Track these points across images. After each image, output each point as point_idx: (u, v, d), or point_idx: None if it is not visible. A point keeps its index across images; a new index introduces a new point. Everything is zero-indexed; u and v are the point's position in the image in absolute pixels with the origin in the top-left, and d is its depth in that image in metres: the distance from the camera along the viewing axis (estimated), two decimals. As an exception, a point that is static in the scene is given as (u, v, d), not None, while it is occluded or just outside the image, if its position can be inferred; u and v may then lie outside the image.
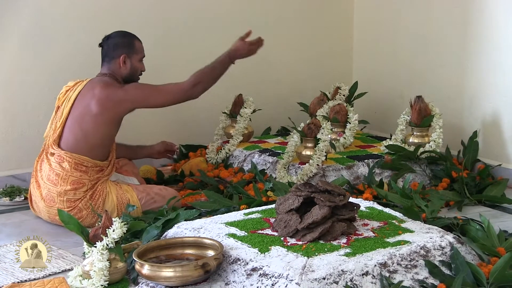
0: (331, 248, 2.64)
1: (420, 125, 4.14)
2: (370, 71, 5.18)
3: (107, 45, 3.63)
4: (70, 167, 3.47)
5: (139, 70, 3.69)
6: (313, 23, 5.14)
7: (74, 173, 3.47)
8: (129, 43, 3.65)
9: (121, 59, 3.61)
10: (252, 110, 4.45)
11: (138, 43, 3.69)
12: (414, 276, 2.57)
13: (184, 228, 2.96)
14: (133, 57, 3.65)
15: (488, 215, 3.41)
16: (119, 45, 3.62)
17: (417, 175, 3.98)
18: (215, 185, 3.94)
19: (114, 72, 3.63)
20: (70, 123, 3.53)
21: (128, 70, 3.64)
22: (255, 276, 2.52)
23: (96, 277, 2.68)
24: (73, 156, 3.47)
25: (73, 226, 2.89)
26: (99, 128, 3.50)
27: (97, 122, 3.49)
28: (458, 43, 4.45)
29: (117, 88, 3.53)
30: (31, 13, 4.13)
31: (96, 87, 3.52)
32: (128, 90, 3.53)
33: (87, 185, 3.49)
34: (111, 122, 3.53)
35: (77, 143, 3.50)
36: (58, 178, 3.47)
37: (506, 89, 4.16)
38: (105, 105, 3.49)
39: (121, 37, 3.66)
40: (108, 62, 3.63)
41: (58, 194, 3.47)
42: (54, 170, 3.48)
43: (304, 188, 2.83)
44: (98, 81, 3.56)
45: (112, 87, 3.53)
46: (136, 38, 3.70)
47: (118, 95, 3.50)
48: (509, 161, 4.16)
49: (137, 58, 3.67)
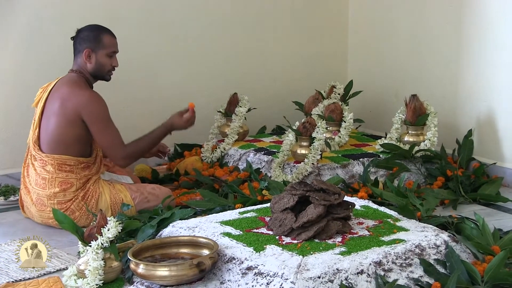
0: (326, 247, 2.64)
1: (415, 124, 4.15)
2: (365, 70, 5.19)
3: (77, 38, 3.53)
4: (54, 169, 3.43)
5: (106, 66, 3.54)
6: (308, 22, 5.14)
7: (60, 174, 3.44)
8: (95, 37, 3.50)
9: (85, 54, 3.49)
10: (247, 109, 4.45)
11: (107, 37, 3.53)
12: (409, 275, 2.57)
13: (179, 227, 2.96)
14: (98, 51, 3.50)
15: (483, 213, 3.42)
16: (85, 39, 3.50)
17: (412, 174, 3.99)
18: (210, 184, 3.94)
19: (81, 68, 3.52)
20: (44, 124, 3.48)
21: (93, 65, 3.51)
22: (250, 275, 2.52)
23: (91, 276, 2.67)
24: (54, 157, 3.43)
25: (68, 226, 2.88)
26: (66, 127, 3.43)
27: (62, 122, 3.43)
28: (452, 42, 4.46)
29: (79, 92, 3.42)
30: (26, 13, 4.12)
31: (62, 86, 3.47)
32: (87, 105, 3.40)
33: (75, 184, 3.46)
34: (74, 122, 3.43)
35: (54, 144, 3.45)
36: (45, 182, 3.45)
37: (501, 87, 4.17)
38: (65, 104, 3.43)
39: (88, 30, 3.52)
40: (76, 57, 3.53)
41: (48, 197, 3.44)
42: (40, 175, 3.45)
43: (299, 187, 2.83)
44: (65, 81, 3.50)
45: (75, 88, 3.44)
46: (105, 32, 3.54)
47: (77, 100, 3.41)
48: (503, 159, 4.17)
49: (104, 53, 3.51)
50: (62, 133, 3.44)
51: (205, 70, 4.76)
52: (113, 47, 3.56)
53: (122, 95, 4.46)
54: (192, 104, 3.70)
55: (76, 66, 3.55)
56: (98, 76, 3.57)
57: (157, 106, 4.61)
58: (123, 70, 4.42)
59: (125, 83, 4.46)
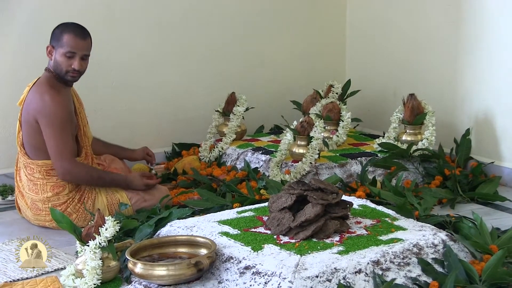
0: (324, 246, 2.64)
1: (413, 123, 4.15)
2: (363, 69, 5.18)
3: None
4: (43, 175, 3.39)
5: (63, 66, 3.33)
6: (306, 21, 5.13)
7: (50, 179, 3.40)
8: (57, 34, 3.35)
9: (46, 49, 3.38)
10: (245, 108, 4.45)
11: (68, 36, 3.31)
12: (407, 274, 2.57)
13: (177, 227, 2.96)
14: (58, 49, 3.33)
15: (481, 212, 3.42)
16: (52, 35, 3.38)
17: (410, 173, 3.99)
18: (208, 183, 3.94)
19: (51, 65, 3.40)
20: (24, 128, 3.40)
21: (53, 62, 3.36)
22: (248, 275, 2.52)
23: (88, 276, 2.67)
24: (38, 164, 3.38)
25: (66, 225, 2.88)
26: (35, 133, 3.36)
27: (29, 128, 3.36)
28: (450, 41, 4.46)
29: (40, 96, 3.32)
30: (24, 13, 4.11)
31: (32, 88, 3.39)
32: (42, 108, 3.30)
33: (68, 187, 3.42)
34: (38, 128, 3.34)
35: (34, 149, 3.38)
36: (37, 187, 3.41)
37: (499, 87, 4.17)
38: (27, 109, 3.36)
39: (56, 27, 3.39)
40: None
41: (42, 202, 3.41)
42: (31, 181, 3.42)
43: (297, 186, 2.83)
44: (37, 82, 3.41)
45: (37, 92, 3.33)
46: (70, 31, 3.33)
47: (35, 105, 3.33)
48: (501, 158, 4.17)
49: (62, 51, 3.32)
50: (36, 138, 3.37)
51: (203, 70, 4.76)
52: (71, 48, 3.32)
53: (121, 94, 4.46)
54: (159, 180, 3.67)
55: (48, 64, 3.43)
56: (60, 77, 3.38)
57: (155, 106, 4.61)
58: (122, 70, 4.45)
59: (124, 83, 4.46)
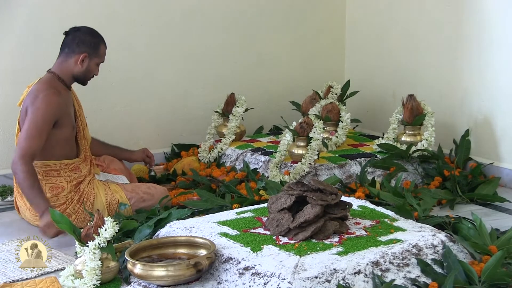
0: (323, 247, 2.64)
1: (412, 124, 4.15)
2: (362, 70, 5.19)
3: (73, 36, 3.44)
4: (42, 176, 3.38)
5: (92, 74, 3.51)
6: (306, 22, 5.14)
7: (49, 179, 3.40)
8: (95, 44, 3.46)
9: (81, 57, 3.43)
10: (245, 109, 4.45)
11: (103, 47, 3.51)
12: (406, 275, 2.57)
13: (176, 227, 2.96)
14: (93, 59, 3.46)
15: (480, 213, 3.43)
16: (85, 43, 3.44)
17: (409, 174, 3.99)
18: (208, 184, 3.94)
19: (64, 70, 3.44)
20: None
21: (83, 70, 3.45)
22: (247, 275, 2.52)
23: (88, 276, 2.67)
24: (37, 165, 3.36)
25: (65, 226, 2.88)
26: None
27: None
28: (449, 42, 4.46)
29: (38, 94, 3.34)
30: (24, 13, 4.11)
31: (33, 90, 3.38)
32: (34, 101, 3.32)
33: (67, 188, 3.42)
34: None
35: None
36: None
37: (498, 87, 4.17)
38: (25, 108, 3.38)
39: (90, 35, 3.47)
40: (66, 55, 3.44)
41: None
42: None
43: (296, 187, 2.84)
44: (40, 81, 3.42)
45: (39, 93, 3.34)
46: (103, 41, 3.52)
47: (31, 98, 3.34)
48: (500, 159, 4.17)
49: (96, 61, 3.48)
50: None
51: (203, 70, 4.76)
52: (104, 58, 3.54)
53: (120, 95, 4.46)
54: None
55: (57, 67, 3.45)
56: (79, 80, 3.50)
57: (154, 106, 4.61)
58: (121, 70, 4.44)
59: (123, 83, 4.46)
